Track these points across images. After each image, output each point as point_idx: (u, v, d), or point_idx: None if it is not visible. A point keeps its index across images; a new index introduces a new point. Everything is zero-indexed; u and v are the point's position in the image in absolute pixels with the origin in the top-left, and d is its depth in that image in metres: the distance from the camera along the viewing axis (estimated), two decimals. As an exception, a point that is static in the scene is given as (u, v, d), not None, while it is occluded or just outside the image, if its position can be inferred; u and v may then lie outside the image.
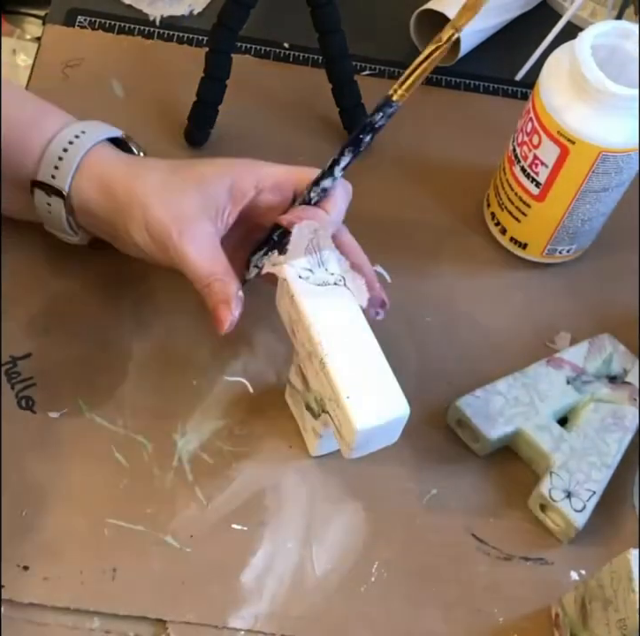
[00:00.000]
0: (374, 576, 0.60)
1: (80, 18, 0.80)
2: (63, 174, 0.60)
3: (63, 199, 0.61)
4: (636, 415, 0.65)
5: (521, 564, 0.62)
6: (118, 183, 0.60)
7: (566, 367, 0.66)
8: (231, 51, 0.73)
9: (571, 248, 0.72)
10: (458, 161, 0.77)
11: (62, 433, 0.63)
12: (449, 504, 0.63)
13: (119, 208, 0.60)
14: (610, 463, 0.63)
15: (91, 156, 0.61)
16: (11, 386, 0.64)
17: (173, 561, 0.60)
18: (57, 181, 0.60)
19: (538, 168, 0.66)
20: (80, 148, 0.60)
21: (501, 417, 0.63)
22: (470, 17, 0.56)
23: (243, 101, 0.78)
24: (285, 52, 0.81)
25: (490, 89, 0.82)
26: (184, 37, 0.81)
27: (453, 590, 0.61)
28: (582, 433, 0.63)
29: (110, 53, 0.79)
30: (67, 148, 0.60)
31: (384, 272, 0.72)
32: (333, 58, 0.74)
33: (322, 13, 0.72)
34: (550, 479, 0.61)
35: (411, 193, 0.76)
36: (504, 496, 0.64)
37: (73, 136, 0.61)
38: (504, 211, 0.71)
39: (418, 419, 0.65)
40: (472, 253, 0.74)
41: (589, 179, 0.64)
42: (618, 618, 0.52)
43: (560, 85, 0.62)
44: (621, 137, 0.62)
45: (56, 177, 0.60)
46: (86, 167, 0.60)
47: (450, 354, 0.69)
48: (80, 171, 0.60)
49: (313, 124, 0.78)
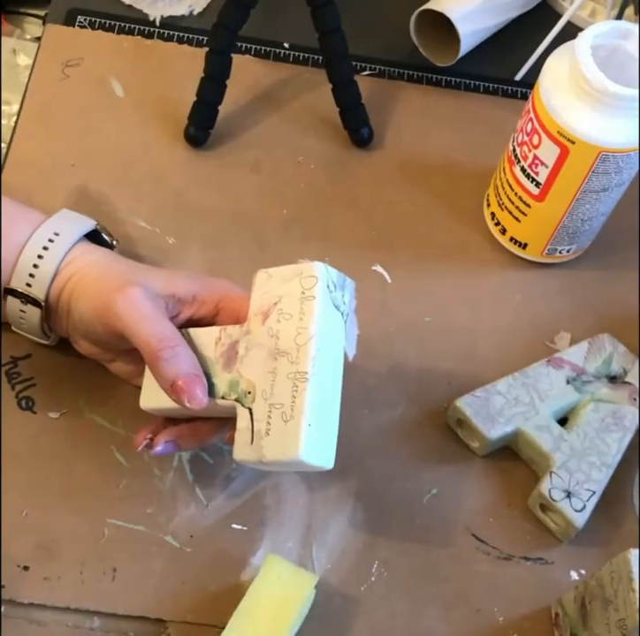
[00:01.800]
0: (374, 576, 0.60)
1: (79, 18, 0.80)
2: (40, 282, 0.58)
3: (40, 308, 0.58)
4: (636, 415, 0.65)
5: (521, 563, 0.62)
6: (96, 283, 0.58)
7: (566, 367, 0.66)
8: (231, 51, 0.73)
9: (571, 248, 0.72)
10: (458, 161, 0.77)
11: (62, 433, 0.63)
12: (449, 504, 0.63)
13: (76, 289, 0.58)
14: (610, 463, 0.63)
15: (67, 268, 0.58)
16: (12, 386, 0.64)
17: (173, 561, 0.60)
18: (34, 290, 0.58)
19: (538, 168, 0.66)
20: (56, 254, 0.58)
21: (501, 417, 0.63)
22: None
23: (243, 101, 0.78)
24: (285, 52, 0.81)
25: (490, 89, 0.82)
26: (184, 37, 0.81)
27: (453, 590, 0.61)
28: (582, 433, 0.63)
29: (110, 53, 0.79)
30: (42, 255, 0.58)
31: (384, 272, 0.72)
32: (333, 58, 0.74)
33: (322, 13, 0.72)
34: (550, 479, 0.62)
35: (411, 192, 0.76)
36: (504, 496, 0.64)
37: (47, 240, 0.58)
38: (504, 211, 0.71)
39: (418, 419, 0.65)
40: (472, 253, 0.74)
41: (589, 179, 0.64)
42: (618, 618, 0.52)
43: (560, 85, 0.62)
44: (621, 137, 0.62)
45: (32, 285, 0.58)
46: (64, 274, 0.58)
47: (450, 354, 0.69)
48: (57, 280, 0.58)
49: (313, 124, 0.78)
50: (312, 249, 0.72)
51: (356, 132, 0.76)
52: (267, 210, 0.73)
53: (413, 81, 0.81)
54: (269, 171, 0.75)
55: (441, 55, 0.81)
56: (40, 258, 0.58)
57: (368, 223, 0.74)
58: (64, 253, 0.58)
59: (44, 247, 0.58)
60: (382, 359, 0.67)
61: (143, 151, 0.75)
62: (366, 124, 0.76)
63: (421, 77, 0.82)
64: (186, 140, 0.75)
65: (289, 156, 0.76)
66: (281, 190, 0.75)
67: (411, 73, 0.82)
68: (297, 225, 0.73)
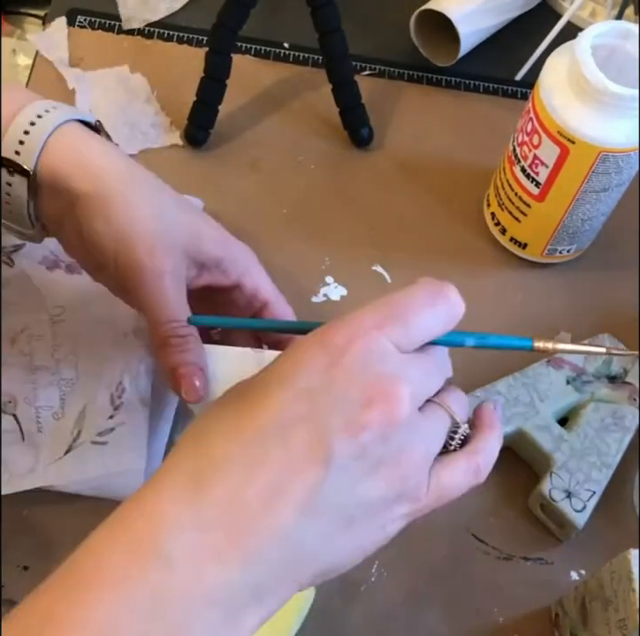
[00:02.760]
0: (374, 576, 0.60)
1: (79, 18, 0.80)
2: (29, 149, 0.52)
3: (27, 178, 0.52)
4: (635, 415, 0.65)
5: (521, 564, 0.62)
6: (98, 160, 0.53)
7: (566, 367, 0.66)
8: (231, 51, 0.73)
9: (571, 248, 0.72)
10: (458, 161, 0.77)
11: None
12: (449, 504, 0.63)
13: (95, 194, 0.52)
14: (610, 463, 0.62)
15: (63, 131, 0.53)
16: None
17: (173, 561, 0.59)
18: (22, 157, 0.52)
19: (538, 168, 0.66)
20: (49, 122, 0.53)
21: (501, 417, 0.63)
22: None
23: (243, 101, 0.78)
24: (285, 52, 0.81)
25: (490, 89, 0.82)
26: (184, 37, 0.81)
27: (453, 590, 0.61)
28: (582, 433, 0.63)
29: (110, 53, 0.79)
30: (35, 122, 0.52)
31: (384, 272, 0.72)
32: (333, 58, 0.74)
33: (322, 13, 0.72)
34: (550, 479, 0.61)
35: (411, 192, 0.76)
36: (504, 496, 0.64)
37: (43, 110, 0.53)
38: (504, 211, 0.71)
39: (418, 419, 0.65)
40: (472, 253, 0.74)
41: (589, 179, 0.64)
42: (618, 618, 0.52)
43: (560, 85, 0.62)
44: (621, 137, 0.62)
45: (20, 153, 0.52)
46: (57, 142, 0.52)
47: (450, 354, 0.69)
48: (48, 147, 0.52)
49: (313, 124, 0.78)
50: (312, 249, 0.72)
51: (356, 132, 0.76)
52: (267, 210, 0.73)
53: (413, 81, 0.81)
54: (269, 171, 0.75)
55: (441, 55, 0.81)
56: (32, 124, 0.52)
57: (368, 223, 0.74)
58: (59, 122, 0.53)
59: (38, 115, 0.53)
60: (382, 359, 0.67)
61: (143, 151, 0.75)
62: (366, 124, 0.76)
63: (421, 77, 0.82)
64: (186, 139, 0.75)
65: (289, 156, 0.76)
66: (281, 190, 0.75)
67: (411, 73, 0.82)
68: (297, 225, 0.73)
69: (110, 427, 0.60)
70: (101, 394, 0.61)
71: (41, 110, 0.53)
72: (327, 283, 0.71)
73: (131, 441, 0.60)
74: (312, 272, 0.71)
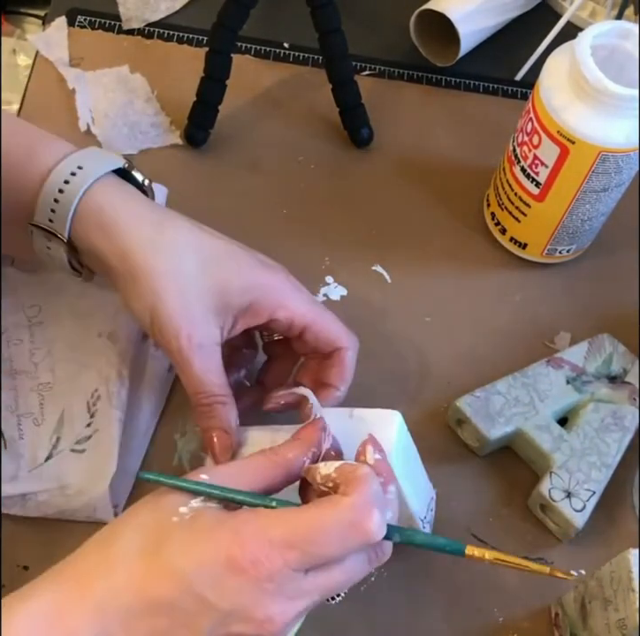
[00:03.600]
0: (374, 576, 0.60)
1: (79, 18, 0.80)
2: (60, 218, 0.54)
3: (63, 243, 0.55)
4: (635, 415, 0.65)
5: (521, 563, 0.62)
6: (124, 232, 0.54)
7: (566, 367, 0.66)
8: (231, 51, 0.73)
9: (571, 248, 0.72)
10: (458, 161, 0.77)
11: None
12: (449, 504, 0.63)
13: (124, 271, 0.54)
14: (610, 463, 0.63)
15: (92, 197, 0.54)
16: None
17: (173, 561, 0.59)
18: (55, 225, 0.54)
19: (538, 168, 0.66)
20: (77, 188, 0.54)
21: (501, 417, 0.63)
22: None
23: (243, 101, 0.78)
24: (285, 52, 0.81)
25: (490, 89, 0.82)
26: (184, 37, 0.81)
27: (453, 590, 0.61)
28: (582, 433, 0.63)
29: (110, 53, 0.79)
30: (63, 189, 0.54)
31: (384, 272, 0.72)
32: (333, 58, 0.74)
33: (322, 13, 0.72)
34: (550, 479, 0.61)
35: (411, 192, 0.76)
36: (504, 496, 0.64)
37: (69, 173, 0.54)
38: (504, 211, 0.71)
39: (418, 419, 0.65)
40: (472, 253, 0.74)
41: (589, 179, 0.64)
42: (618, 618, 0.52)
43: (560, 85, 0.62)
44: (621, 137, 0.62)
45: (53, 221, 0.54)
46: (86, 210, 0.54)
47: (450, 354, 0.69)
48: (79, 215, 0.54)
49: (313, 124, 0.78)
50: (312, 249, 0.72)
51: (356, 132, 0.76)
52: (267, 210, 0.73)
53: (413, 81, 0.81)
54: (269, 171, 0.75)
55: (441, 55, 0.81)
56: (61, 192, 0.54)
57: (368, 223, 0.74)
58: (86, 186, 0.54)
59: (66, 181, 0.54)
60: (382, 359, 0.67)
61: (143, 151, 0.75)
62: (366, 124, 0.76)
63: (421, 77, 0.82)
64: (186, 139, 0.75)
65: (289, 156, 0.76)
66: (281, 190, 0.75)
67: (411, 73, 0.82)
68: (297, 225, 0.73)
69: (88, 435, 0.60)
70: (77, 400, 0.61)
71: (68, 174, 0.54)
72: (327, 282, 0.71)
73: (105, 448, 0.60)
74: (312, 272, 0.71)
